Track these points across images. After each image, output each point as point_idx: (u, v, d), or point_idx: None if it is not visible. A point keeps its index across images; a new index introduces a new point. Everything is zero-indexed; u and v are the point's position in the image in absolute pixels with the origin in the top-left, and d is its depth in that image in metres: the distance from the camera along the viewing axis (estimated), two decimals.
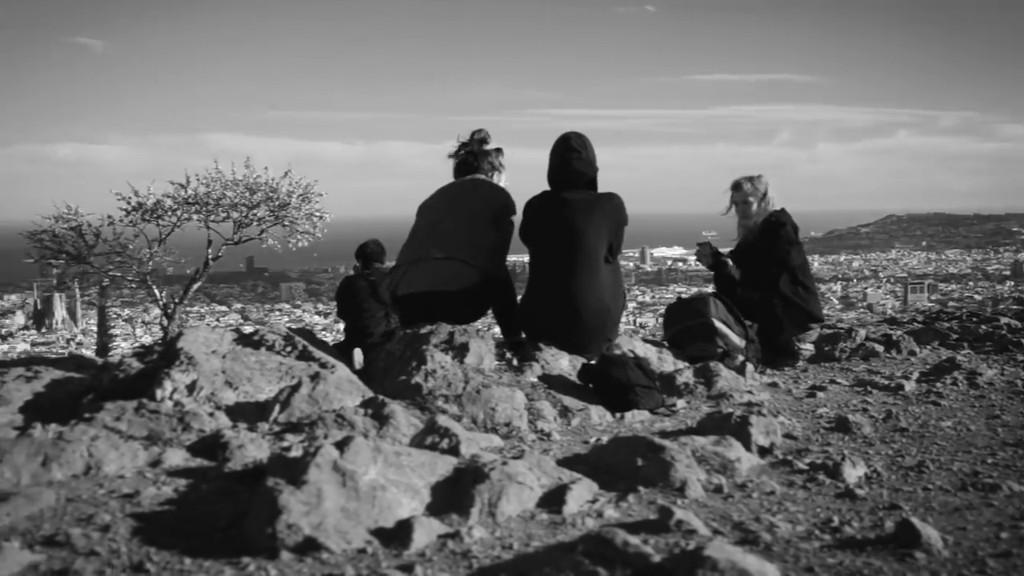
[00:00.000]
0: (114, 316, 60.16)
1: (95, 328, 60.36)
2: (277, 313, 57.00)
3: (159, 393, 4.91)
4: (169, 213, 9.21)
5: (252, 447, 4.19)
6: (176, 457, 4.18)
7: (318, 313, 53.62)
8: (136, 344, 47.49)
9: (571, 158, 6.85)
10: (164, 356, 5.38)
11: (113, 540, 3.18)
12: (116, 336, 54.45)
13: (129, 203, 9.11)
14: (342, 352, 6.58)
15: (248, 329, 6.20)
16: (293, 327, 6.32)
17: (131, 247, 9.35)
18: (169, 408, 4.69)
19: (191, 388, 5.00)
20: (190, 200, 9.08)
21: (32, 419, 5.00)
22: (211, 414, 4.69)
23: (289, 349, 5.81)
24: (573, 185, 6.84)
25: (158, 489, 3.75)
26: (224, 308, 59.28)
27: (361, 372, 6.05)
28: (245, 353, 5.56)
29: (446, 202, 7.43)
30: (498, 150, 7.56)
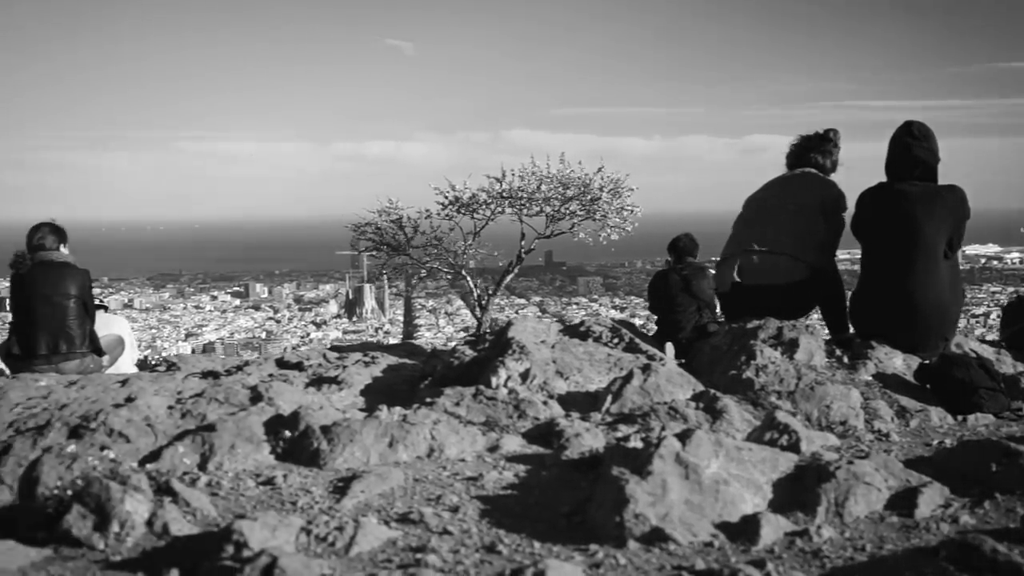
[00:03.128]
0: (419, 307, 62.75)
1: (401, 318, 63.18)
2: (574, 307, 57.58)
3: (494, 380, 5.08)
4: (484, 207, 9.47)
5: (588, 436, 4.26)
6: (513, 443, 4.31)
7: (614, 307, 53.70)
8: (438, 334, 49.36)
9: (912, 144, 6.54)
10: (496, 345, 5.56)
11: (463, 521, 3.32)
12: (420, 326, 56.76)
13: (446, 197, 9.47)
14: (659, 345, 6.59)
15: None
16: (617, 319, 6.39)
17: (446, 239, 9.70)
18: (504, 395, 4.84)
19: (524, 376, 5.14)
20: (504, 194, 9.31)
21: (372, 402, 5.29)
22: (544, 402, 4.81)
23: (616, 341, 5.88)
24: (911, 173, 6.52)
25: (499, 474, 3.88)
26: (523, 301, 60.48)
27: (680, 366, 6.04)
28: (572, 344, 5.67)
29: (774, 195, 7.33)
30: (837, 147, 7.37)
